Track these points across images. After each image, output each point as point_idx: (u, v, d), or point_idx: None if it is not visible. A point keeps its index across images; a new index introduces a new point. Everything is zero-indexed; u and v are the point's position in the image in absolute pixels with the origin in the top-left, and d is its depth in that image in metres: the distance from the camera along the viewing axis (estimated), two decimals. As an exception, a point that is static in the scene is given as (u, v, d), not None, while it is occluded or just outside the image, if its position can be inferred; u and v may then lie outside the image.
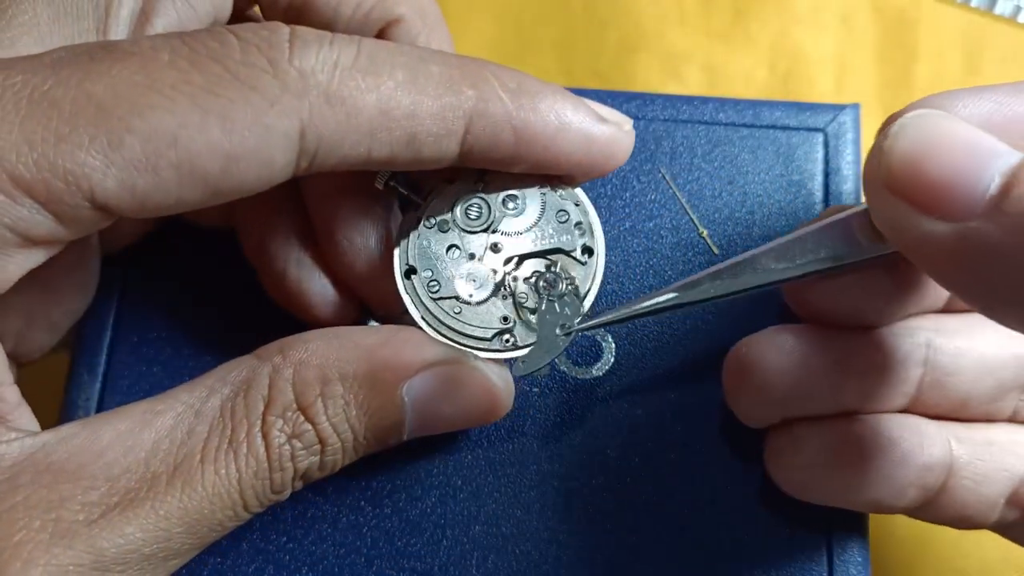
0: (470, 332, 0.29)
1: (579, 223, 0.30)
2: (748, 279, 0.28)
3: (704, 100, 0.37)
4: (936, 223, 0.23)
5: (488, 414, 0.29)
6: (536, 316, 0.29)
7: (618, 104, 0.33)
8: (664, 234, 0.35)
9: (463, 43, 0.34)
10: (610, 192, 0.35)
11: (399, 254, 0.30)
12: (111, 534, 0.24)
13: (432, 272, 0.29)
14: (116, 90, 0.24)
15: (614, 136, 0.28)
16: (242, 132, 0.24)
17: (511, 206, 0.30)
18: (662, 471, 0.33)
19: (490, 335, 0.29)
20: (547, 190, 0.30)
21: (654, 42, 0.48)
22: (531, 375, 0.31)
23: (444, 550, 0.32)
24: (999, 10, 0.48)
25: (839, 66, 0.48)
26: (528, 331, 0.29)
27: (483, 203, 0.30)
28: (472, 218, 0.30)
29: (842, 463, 0.30)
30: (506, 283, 0.29)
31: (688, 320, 0.34)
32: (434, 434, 0.30)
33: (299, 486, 0.28)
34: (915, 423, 0.30)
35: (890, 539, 0.40)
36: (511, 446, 0.33)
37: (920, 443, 0.30)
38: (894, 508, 0.30)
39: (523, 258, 0.29)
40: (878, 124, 0.27)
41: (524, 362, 0.28)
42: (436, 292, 0.29)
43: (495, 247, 0.29)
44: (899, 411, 0.31)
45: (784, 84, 0.47)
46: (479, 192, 0.30)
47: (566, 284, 0.29)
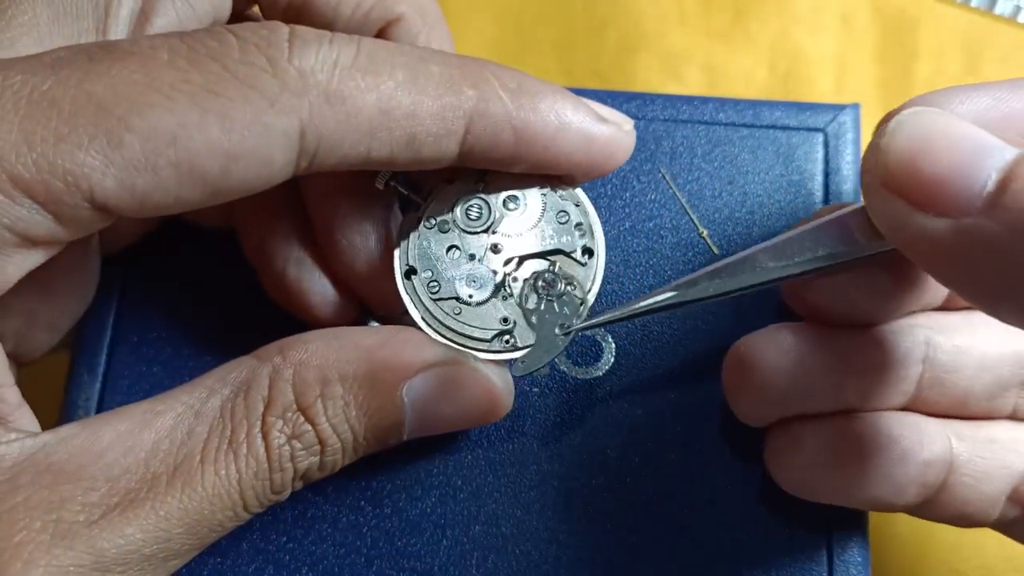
0: (470, 333, 0.29)
1: (579, 224, 0.30)
2: (746, 278, 0.28)
3: (704, 100, 0.37)
4: (933, 220, 0.23)
5: (488, 414, 0.29)
6: (535, 316, 0.29)
7: (618, 104, 0.33)
8: (664, 234, 0.35)
9: (463, 43, 0.34)
10: (610, 192, 0.35)
11: (399, 254, 0.30)
12: (111, 535, 0.24)
13: (432, 272, 0.29)
14: (115, 89, 0.24)
15: (614, 136, 0.28)
16: (241, 131, 0.24)
17: (511, 206, 0.30)
18: (662, 471, 0.33)
19: (490, 336, 0.29)
20: (547, 191, 0.30)
21: (654, 42, 0.48)
22: (531, 375, 0.31)
23: (444, 550, 0.32)
24: (999, 10, 0.48)
25: (839, 66, 0.47)
26: (528, 332, 0.29)
27: (483, 203, 0.30)
28: (472, 218, 0.30)
29: (842, 461, 0.30)
30: (506, 284, 0.29)
31: (688, 320, 0.34)
32: (434, 434, 0.30)
33: (299, 486, 0.28)
34: (915, 421, 0.30)
35: (890, 539, 0.40)
36: (511, 446, 0.33)
37: (920, 441, 0.30)
38: (895, 506, 0.30)
39: (523, 259, 0.29)
40: (878, 124, 0.27)
41: (523, 362, 0.28)
42: (436, 292, 0.29)
43: (495, 248, 0.29)
44: (899, 409, 0.31)
45: (784, 84, 0.47)
46: (479, 192, 0.30)
47: (565, 284, 0.29)
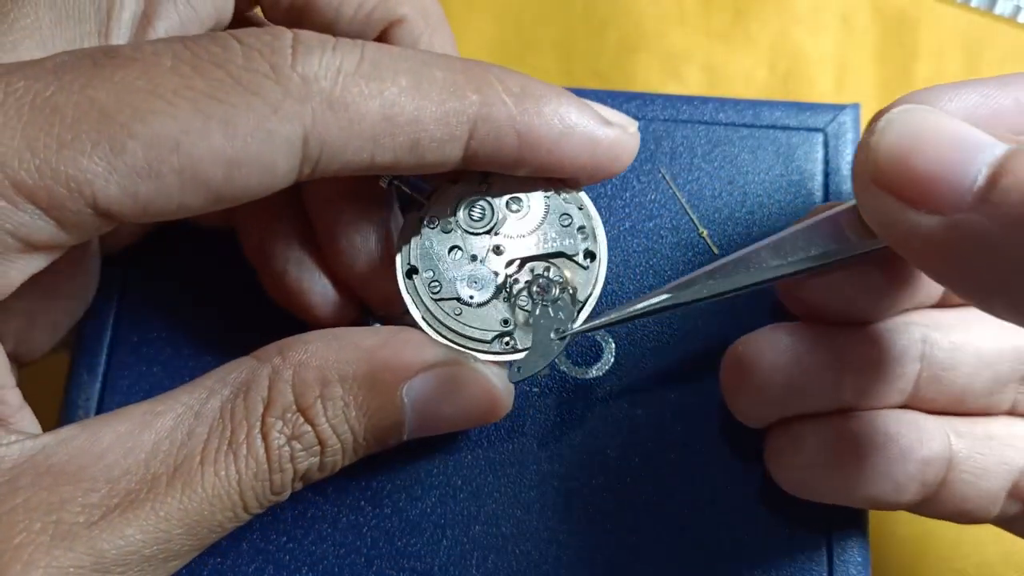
0: (470, 334, 0.29)
1: (582, 227, 0.30)
2: (741, 278, 0.28)
3: (704, 100, 0.36)
4: (925, 216, 0.23)
5: (488, 415, 0.29)
6: (531, 322, 0.29)
7: (618, 104, 0.33)
8: (664, 234, 0.35)
9: (463, 43, 0.34)
10: (610, 192, 0.35)
11: (401, 254, 0.30)
12: (111, 536, 0.24)
13: (434, 273, 0.29)
14: (118, 96, 0.24)
15: (619, 139, 0.28)
16: (244, 138, 0.24)
17: (514, 208, 0.30)
18: (662, 471, 0.33)
19: (490, 337, 0.29)
20: (551, 193, 0.30)
21: (654, 42, 0.48)
22: (529, 378, 0.31)
23: (444, 550, 0.32)
24: (999, 10, 0.48)
25: (839, 66, 0.47)
26: (527, 335, 0.29)
27: (487, 205, 0.30)
28: (475, 220, 0.30)
29: (842, 461, 0.30)
30: (508, 286, 0.29)
31: (688, 320, 0.34)
32: (434, 435, 0.30)
33: (299, 487, 0.28)
34: (913, 418, 0.30)
35: (890, 538, 0.40)
36: (511, 446, 0.33)
37: (919, 438, 0.30)
38: (894, 504, 0.30)
39: (525, 261, 0.29)
40: (877, 124, 0.27)
41: (520, 368, 0.28)
42: (437, 293, 0.29)
43: (497, 249, 0.29)
44: (897, 407, 0.31)
45: (784, 84, 0.47)
46: (483, 194, 0.30)
47: (559, 289, 0.29)
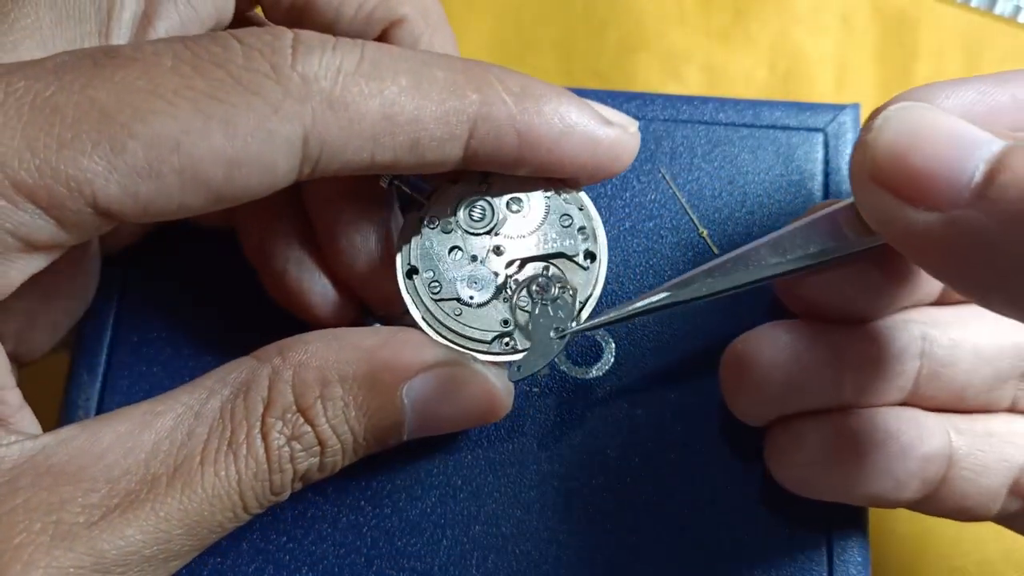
0: (470, 334, 0.29)
1: (582, 228, 0.30)
2: (739, 276, 0.28)
3: (704, 100, 0.36)
4: (923, 213, 0.23)
5: (488, 415, 0.29)
6: (530, 321, 0.29)
7: (618, 104, 0.33)
8: (664, 234, 0.35)
9: (463, 43, 0.34)
10: (610, 192, 0.35)
11: (401, 254, 0.30)
12: (111, 536, 0.24)
13: (434, 273, 0.29)
14: (119, 96, 0.24)
15: (619, 139, 0.28)
16: (245, 138, 0.24)
17: (515, 208, 0.29)
18: (662, 471, 0.33)
19: (490, 338, 0.29)
20: (551, 194, 0.30)
21: (654, 42, 0.48)
22: (528, 378, 0.31)
23: (444, 550, 0.32)
24: (999, 10, 0.48)
25: (839, 66, 0.47)
26: (527, 335, 0.29)
27: (487, 205, 0.30)
28: (475, 220, 0.29)
29: (842, 458, 0.30)
30: (508, 286, 0.29)
31: (688, 320, 0.34)
32: (434, 435, 0.30)
33: (299, 487, 0.28)
34: (914, 416, 0.30)
35: (890, 537, 0.40)
36: (511, 446, 0.33)
37: (919, 435, 0.30)
38: (895, 502, 0.30)
39: (525, 261, 0.29)
40: (878, 124, 0.27)
41: (520, 367, 0.28)
42: (437, 293, 0.29)
43: (498, 250, 0.29)
44: (897, 404, 0.31)
45: (784, 84, 0.47)
46: (483, 194, 0.30)
47: (558, 288, 0.29)
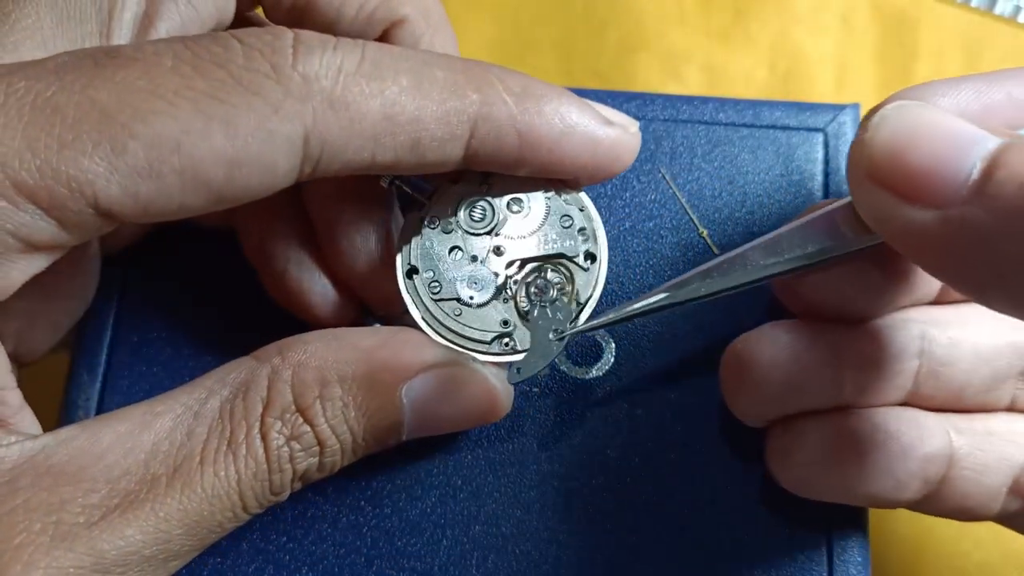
0: (470, 335, 0.29)
1: (583, 228, 0.30)
2: (738, 276, 0.28)
3: (704, 100, 0.36)
4: (920, 211, 0.23)
5: (487, 415, 0.29)
6: (529, 323, 0.29)
7: (618, 104, 0.33)
8: (664, 234, 0.35)
9: (463, 43, 0.34)
10: (610, 192, 0.35)
11: (401, 254, 0.30)
12: (111, 536, 0.24)
13: (434, 273, 0.29)
14: (119, 96, 0.24)
15: (620, 139, 0.28)
16: (245, 138, 0.24)
17: (515, 209, 0.29)
18: (662, 471, 0.33)
19: (490, 338, 0.29)
20: (552, 194, 0.30)
21: (654, 42, 0.48)
22: (528, 379, 0.31)
23: (444, 550, 0.32)
24: (999, 10, 0.48)
25: (839, 66, 0.47)
26: (527, 335, 0.29)
27: (487, 205, 0.30)
28: (476, 220, 0.29)
29: (843, 458, 0.30)
30: (508, 287, 0.29)
31: (687, 320, 0.34)
32: (434, 435, 0.30)
33: (298, 487, 0.28)
34: (914, 415, 0.30)
35: (890, 537, 0.40)
36: (511, 446, 0.33)
37: (920, 435, 0.30)
38: (895, 502, 0.30)
39: (525, 262, 0.29)
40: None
41: (520, 369, 0.28)
42: (437, 293, 0.29)
43: (498, 250, 0.29)
44: (897, 404, 0.31)
45: (784, 84, 0.47)
46: (483, 194, 0.30)
47: (557, 290, 0.29)
